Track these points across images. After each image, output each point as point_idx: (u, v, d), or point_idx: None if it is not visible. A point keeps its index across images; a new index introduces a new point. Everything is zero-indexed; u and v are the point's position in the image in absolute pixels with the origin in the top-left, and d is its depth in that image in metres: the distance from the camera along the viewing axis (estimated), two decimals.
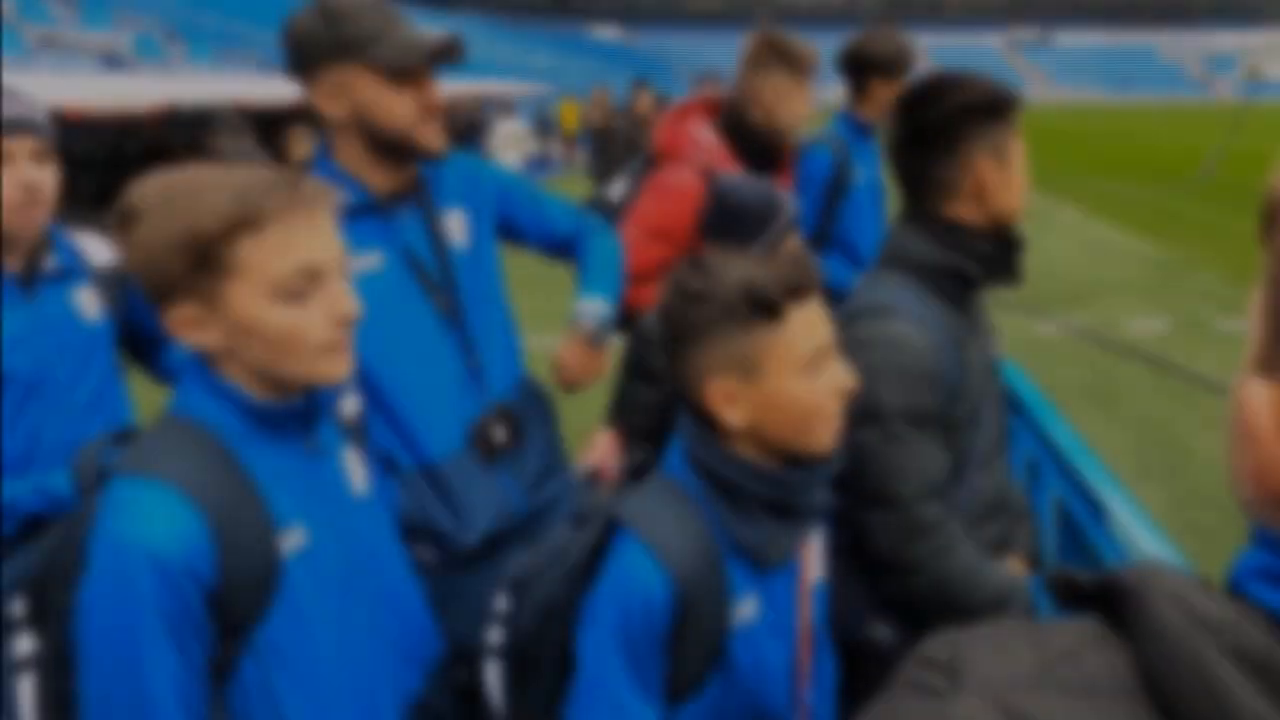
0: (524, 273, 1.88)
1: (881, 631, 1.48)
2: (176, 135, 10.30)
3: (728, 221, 1.85)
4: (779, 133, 2.52)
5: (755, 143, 2.50)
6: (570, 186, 15.82)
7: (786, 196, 1.92)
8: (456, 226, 1.78)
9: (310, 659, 1.11)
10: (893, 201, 1.88)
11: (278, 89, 12.69)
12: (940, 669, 0.54)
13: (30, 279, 1.70)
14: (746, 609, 1.20)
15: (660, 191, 2.43)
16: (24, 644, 1.09)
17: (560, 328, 1.94)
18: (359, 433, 1.33)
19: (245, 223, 1.00)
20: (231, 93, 10.89)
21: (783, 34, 2.55)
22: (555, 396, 1.93)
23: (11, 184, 1.60)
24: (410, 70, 1.56)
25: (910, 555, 1.39)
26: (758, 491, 1.17)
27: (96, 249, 1.85)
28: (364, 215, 1.63)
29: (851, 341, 1.36)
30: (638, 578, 1.12)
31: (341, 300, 1.08)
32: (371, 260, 1.64)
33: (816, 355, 1.16)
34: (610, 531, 1.19)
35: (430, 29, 1.64)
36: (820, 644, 1.35)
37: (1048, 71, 67.48)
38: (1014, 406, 2.21)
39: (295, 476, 1.13)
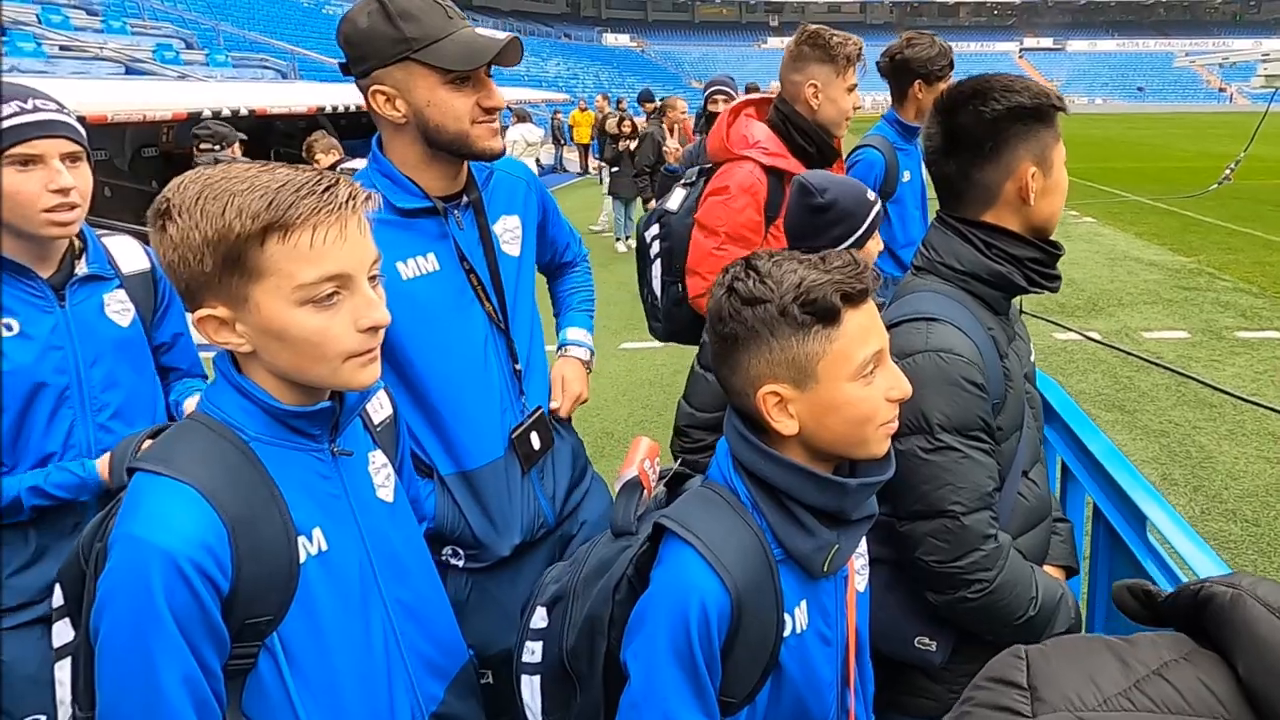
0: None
1: (928, 644, 1.45)
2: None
3: (817, 219, 1.82)
4: (826, 128, 2.48)
5: (808, 139, 2.46)
6: (584, 195, 15.86)
7: (874, 195, 1.89)
8: (510, 233, 1.77)
9: (326, 663, 1.10)
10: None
11: (296, 97, 12.78)
12: (1018, 687, 0.52)
13: (63, 284, 1.69)
14: (797, 617, 1.18)
15: (726, 194, 2.41)
16: (62, 631, 1.10)
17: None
18: (388, 437, 1.32)
19: (275, 226, 1.00)
20: (250, 100, 10.97)
21: (823, 27, 2.50)
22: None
23: (43, 186, 1.59)
24: (470, 71, 1.53)
25: (961, 567, 1.36)
26: (811, 499, 1.15)
27: (127, 254, 1.84)
28: (419, 216, 1.62)
29: (894, 350, 1.34)
30: (694, 587, 1.09)
31: (369, 309, 1.07)
32: (427, 261, 1.62)
33: (871, 360, 1.13)
34: (658, 541, 1.17)
35: None
36: (862, 653, 1.33)
37: (1061, 79, 67.21)
38: (1045, 414, 2.19)
39: (318, 480, 1.13)
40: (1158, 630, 0.55)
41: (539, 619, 1.30)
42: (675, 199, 2.59)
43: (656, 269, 2.60)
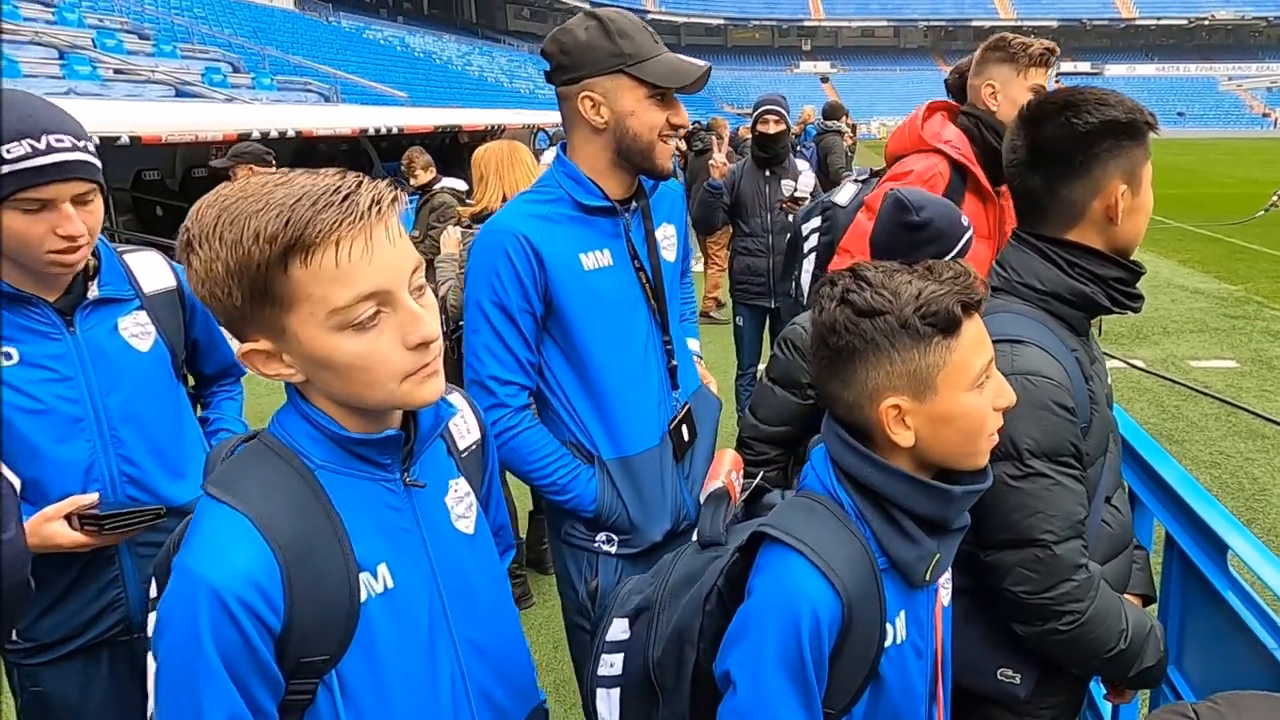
0: None
1: (1012, 677, 1.41)
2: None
3: (910, 236, 1.81)
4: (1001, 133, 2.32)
5: (998, 140, 2.31)
6: None
7: (967, 220, 1.88)
8: (668, 240, 1.93)
9: (385, 704, 1.04)
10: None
11: (340, 119, 13.04)
12: None
13: (72, 309, 1.59)
14: (898, 628, 1.17)
15: (905, 179, 2.36)
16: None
17: None
18: (473, 464, 1.24)
19: (295, 247, 0.91)
20: (296, 122, 11.24)
21: (1012, 34, 2.44)
22: None
23: (50, 229, 1.47)
24: (668, 90, 1.71)
25: (1053, 599, 1.32)
26: (918, 507, 1.13)
27: (150, 272, 1.74)
28: (599, 215, 1.79)
29: None
30: (805, 595, 1.07)
31: (415, 324, 0.97)
32: (604, 256, 1.78)
33: (985, 370, 1.13)
34: (756, 550, 1.15)
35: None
36: (946, 667, 1.31)
37: None
38: None
39: (387, 512, 1.06)
40: None
41: (618, 631, 1.28)
42: (845, 194, 2.54)
43: (809, 263, 2.58)
